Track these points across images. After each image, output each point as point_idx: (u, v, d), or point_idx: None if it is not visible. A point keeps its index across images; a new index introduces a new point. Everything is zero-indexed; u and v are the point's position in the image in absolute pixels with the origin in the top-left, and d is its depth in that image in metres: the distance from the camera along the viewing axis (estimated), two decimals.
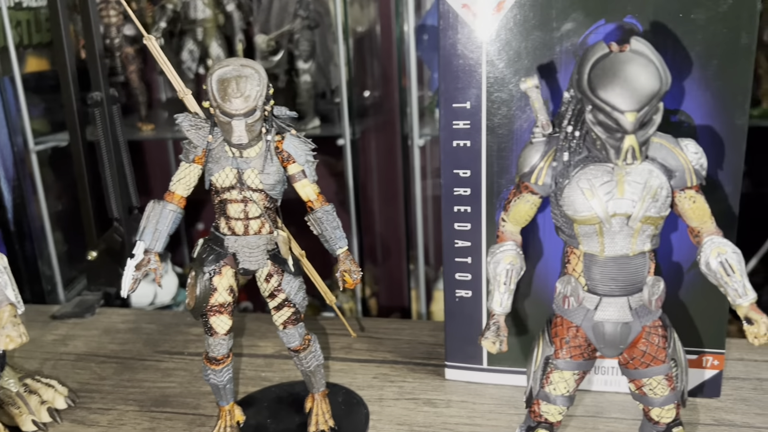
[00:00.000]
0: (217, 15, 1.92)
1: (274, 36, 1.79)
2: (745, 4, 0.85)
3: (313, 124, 1.90)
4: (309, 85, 1.89)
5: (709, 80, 0.88)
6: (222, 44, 1.93)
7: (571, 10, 0.89)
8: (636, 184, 0.64)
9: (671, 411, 0.71)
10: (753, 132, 2.16)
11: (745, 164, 2.32)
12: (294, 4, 1.82)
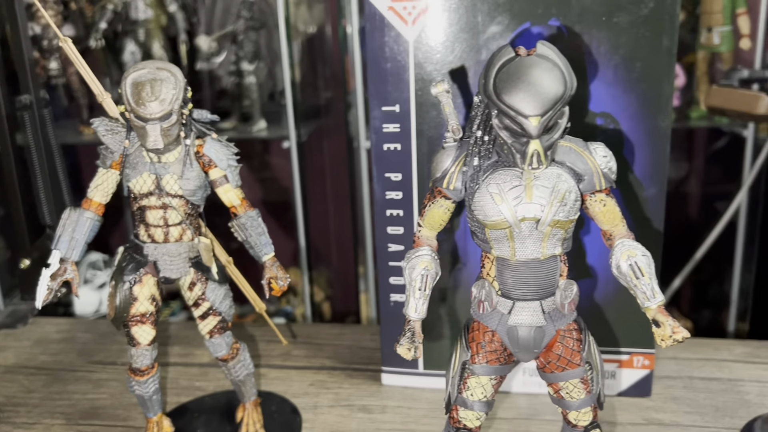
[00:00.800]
0: (160, 16, 1.88)
1: (216, 37, 1.76)
2: (666, 8, 0.86)
3: (259, 126, 1.88)
4: (255, 86, 1.87)
5: (633, 83, 0.89)
6: (165, 45, 1.89)
7: (496, 13, 0.89)
8: (544, 188, 0.64)
9: (588, 414, 0.71)
10: (692, 133, 2.20)
11: (688, 165, 2.35)
12: (237, 5, 1.79)
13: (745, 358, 1.12)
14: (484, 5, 0.88)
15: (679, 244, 2.37)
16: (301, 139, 1.76)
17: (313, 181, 2.01)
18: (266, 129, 1.89)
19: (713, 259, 2.15)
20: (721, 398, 1.01)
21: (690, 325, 2.13)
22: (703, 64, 1.71)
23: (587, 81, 0.90)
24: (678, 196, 2.43)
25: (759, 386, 1.04)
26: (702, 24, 1.69)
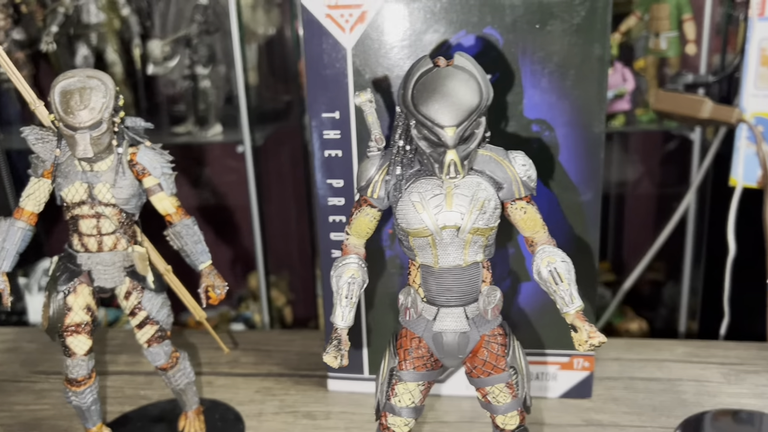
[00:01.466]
0: (113, 19, 1.86)
1: (169, 41, 1.75)
2: (598, 16, 0.88)
3: (215, 131, 1.86)
4: (210, 90, 1.85)
5: (567, 90, 0.91)
6: (118, 50, 1.87)
7: (433, 21, 0.89)
8: (464, 196, 0.65)
9: (514, 418, 0.72)
10: (643, 136, 2.24)
11: (641, 167, 2.38)
12: (191, 9, 1.78)
13: (686, 358, 1.14)
14: (420, 13, 0.89)
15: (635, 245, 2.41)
16: (256, 143, 1.75)
17: (271, 185, 2.01)
18: (222, 133, 1.88)
19: (668, 258, 2.19)
20: (660, 398, 1.03)
21: (645, 325, 2.17)
22: (652, 68, 1.74)
23: (523, 88, 0.91)
24: (633, 197, 2.47)
25: (696, 385, 1.06)
26: (650, 29, 1.72)
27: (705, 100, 1.46)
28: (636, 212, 2.48)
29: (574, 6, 0.88)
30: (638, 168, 2.38)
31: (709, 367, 1.11)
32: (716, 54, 1.72)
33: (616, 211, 2.52)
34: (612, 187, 2.52)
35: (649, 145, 2.26)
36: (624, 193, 2.48)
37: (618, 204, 2.51)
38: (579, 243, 0.97)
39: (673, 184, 2.08)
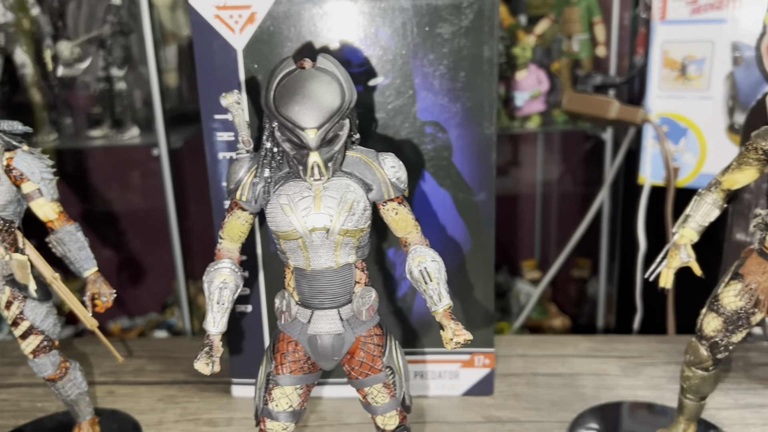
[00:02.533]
0: (22, 19, 1.80)
1: (79, 42, 1.70)
2: (486, 20, 0.89)
3: (131, 133, 1.82)
4: (126, 92, 1.81)
5: (458, 92, 0.92)
6: (28, 50, 1.81)
7: (323, 23, 0.89)
8: (332, 198, 0.65)
9: (394, 418, 0.72)
10: (560, 136, 2.28)
11: (564, 166, 2.42)
12: (103, 9, 1.73)
13: (588, 353, 1.17)
14: (311, 15, 0.89)
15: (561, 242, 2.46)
16: (173, 145, 1.72)
17: (192, 188, 1.97)
18: (139, 136, 1.84)
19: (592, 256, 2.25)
20: (559, 393, 1.05)
21: (567, 321, 2.23)
22: (565, 70, 1.78)
23: (415, 90, 0.92)
24: (558, 195, 2.53)
25: (596, 379, 1.09)
26: (563, 32, 1.76)
27: (612, 101, 1.50)
28: (561, 210, 2.54)
29: (462, 9, 0.89)
30: (561, 167, 2.44)
31: (609, 361, 1.14)
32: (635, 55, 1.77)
33: (542, 210, 2.57)
34: (537, 187, 2.57)
35: (570, 145, 2.32)
36: (549, 192, 2.54)
37: (544, 202, 2.56)
38: (476, 241, 0.98)
39: (593, 183, 2.13)
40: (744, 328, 0.78)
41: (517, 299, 2.34)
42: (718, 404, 1.01)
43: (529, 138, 2.41)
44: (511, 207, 2.65)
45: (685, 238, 0.78)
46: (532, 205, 2.63)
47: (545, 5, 1.83)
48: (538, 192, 2.60)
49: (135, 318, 2.32)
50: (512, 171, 2.58)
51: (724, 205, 0.78)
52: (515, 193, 2.60)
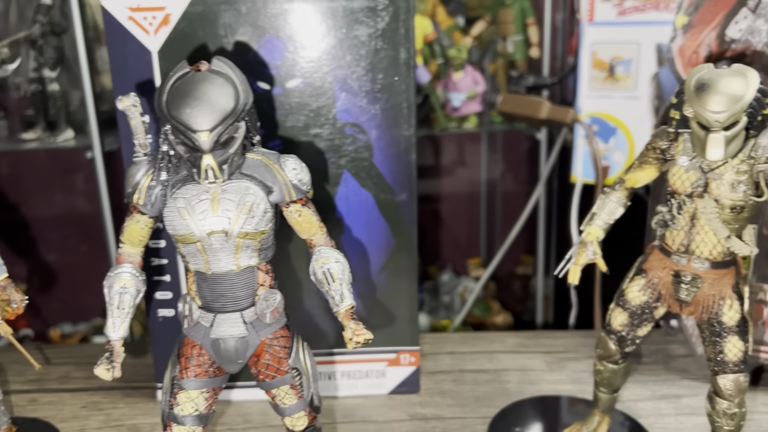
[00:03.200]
0: None
1: (7, 43, 1.66)
2: (401, 21, 0.90)
3: (66, 136, 1.78)
4: (59, 94, 1.77)
5: (376, 94, 0.93)
6: None
7: (238, 25, 0.89)
8: (230, 201, 0.65)
9: (302, 419, 0.73)
10: (499, 136, 2.31)
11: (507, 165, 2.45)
12: (33, 9, 1.69)
13: (515, 349, 1.20)
14: (226, 16, 0.89)
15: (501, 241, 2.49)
16: (107, 148, 1.69)
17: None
18: (74, 138, 1.80)
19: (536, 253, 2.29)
20: (484, 389, 1.07)
21: (510, 318, 2.26)
22: (501, 71, 1.81)
23: (334, 92, 0.92)
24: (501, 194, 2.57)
25: (520, 374, 1.11)
26: (498, 33, 1.79)
27: (543, 102, 1.53)
28: (505, 209, 2.57)
29: (377, 11, 0.90)
30: (505, 166, 2.47)
31: (534, 357, 1.17)
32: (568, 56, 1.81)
33: (487, 208, 2.61)
34: (482, 186, 2.60)
35: (513, 145, 2.36)
36: (493, 190, 2.57)
37: (489, 201, 2.60)
38: (399, 241, 0.99)
39: (534, 182, 2.17)
40: (649, 322, 0.81)
41: (462, 297, 2.37)
42: (636, 396, 1.04)
43: (473, 138, 2.44)
44: (456, 206, 2.68)
45: (591, 236, 0.81)
46: (477, 203, 2.67)
47: (482, 7, 1.86)
48: (482, 191, 2.63)
49: (78, 324, 2.27)
50: (457, 170, 2.61)
51: (628, 203, 0.81)
52: (460, 192, 2.63)
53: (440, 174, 2.61)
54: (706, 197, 0.71)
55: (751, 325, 0.76)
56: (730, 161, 0.70)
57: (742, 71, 0.67)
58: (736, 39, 0.99)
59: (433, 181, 2.60)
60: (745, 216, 0.71)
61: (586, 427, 0.91)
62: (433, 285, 2.46)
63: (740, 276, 0.76)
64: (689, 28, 1.02)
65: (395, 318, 1.02)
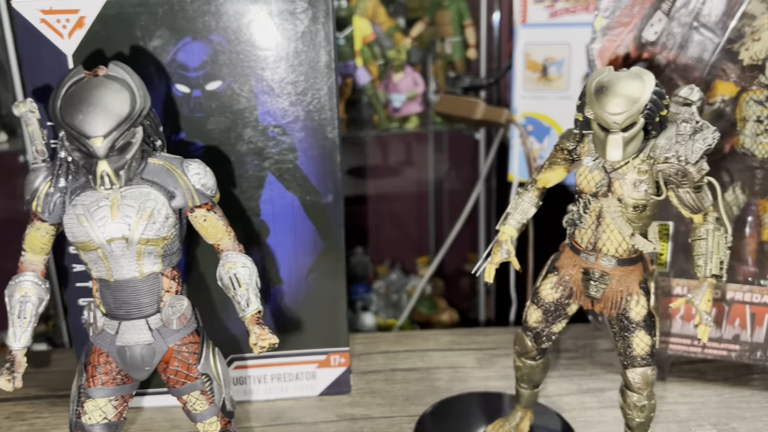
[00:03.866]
0: None
1: None
2: (321, 24, 0.90)
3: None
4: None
5: (298, 96, 0.93)
6: None
7: (155, 28, 0.88)
8: (130, 207, 0.64)
9: (214, 424, 0.73)
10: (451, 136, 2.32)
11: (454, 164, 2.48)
12: None
13: (448, 347, 1.21)
14: (142, 19, 0.88)
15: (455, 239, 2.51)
16: None
17: None
18: (7, 142, 1.76)
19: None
20: (414, 387, 1.08)
21: (455, 315, 2.29)
22: (440, 72, 1.83)
23: (255, 95, 0.92)
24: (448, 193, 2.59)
25: (451, 372, 1.12)
26: (437, 34, 1.81)
27: (478, 102, 1.55)
28: (453, 207, 2.60)
29: (296, 14, 0.90)
30: (451, 166, 2.50)
31: (466, 354, 1.18)
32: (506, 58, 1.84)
33: (435, 207, 2.63)
34: (430, 185, 2.62)
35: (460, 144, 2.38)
36: (441, 189, 2.60)
37: (437, 200, 2.62)
38: (326, 243, 0.99)
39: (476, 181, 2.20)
40: (562, 318, 0.83)
41: (410, 296, 2.39)
42: (562, 390, 1.07)
43: (421, 138, 2.46)
44: (406, 205, 2.70)
45: (505, 235, 0.82)
46: (425, 202, 2.69)
47: (422, 8, 1.87)
48: (430, 190, 2.65)
49: None
50: (406, 170, 2.63)
51: (540, 203, 0.83)
52: (409, 192, 2.65)
53: (389, 174, 2.63)
54: (610, 196, 0.73)
55: (657, 319, 0.78)
56: (631, 161, 0.72)
57: (639, 74, 0.69)
58: (652, 41, 1.02)
59: (382, 180, 2.62)
60: (648, 214, 0.74)
61: (508, 422, 0.93)
62: (383, 284, 2.48)
63: (647, 272, 0.79)
64: (608, 31, 1.04)
65: (324, 320, 1.03)
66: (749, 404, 1.02)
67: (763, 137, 0.96)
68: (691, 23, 0.99)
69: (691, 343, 1.05)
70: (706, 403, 1.03)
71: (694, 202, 0.72)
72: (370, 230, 2.63)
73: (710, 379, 1.09)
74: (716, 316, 1.03)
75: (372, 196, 2.64)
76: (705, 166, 0.71)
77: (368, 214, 2.61)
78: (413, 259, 2.62)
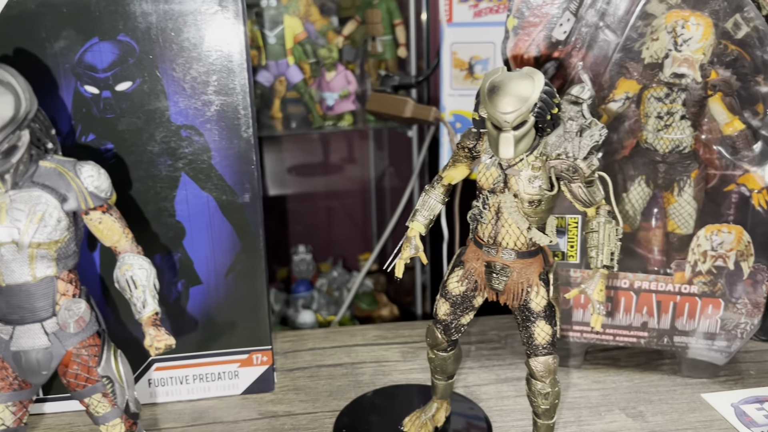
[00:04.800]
0: None
1: None
2: (231, 23, 0.91)
3: None
4: None
5: (211, 96, 0.93)
6: None
7: (61, 28, 0.87)
8: (20, 211, 0.64)
9: (117, 426, 0.73)
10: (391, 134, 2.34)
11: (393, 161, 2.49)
12: None
13: (374, 341, 1.23)
14: (46, 19, 0.87)
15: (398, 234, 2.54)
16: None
17: None
18: None
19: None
20: (338, 382, 1.10)
21: (396, 310, 2.31)
22: (373, 71, 1.85)
23: (167, 95, 0.92)
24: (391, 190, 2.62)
25: (375, 366, 1.14)
26: (368, 33, 1.82)
27: (407, 101, 1.57)
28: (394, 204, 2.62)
29: (207, 14, 0.90)
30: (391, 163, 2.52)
31: (391, 348, 1.20)
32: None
33: (377, 204, 2.65)
34: (371, 182, 2.64)
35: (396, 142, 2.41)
36: (383, 186, 2.62)
37: (378, 197, 2.64)
38: (244, 242, 1.00)
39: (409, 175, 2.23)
40: (470, 311, 0.86)
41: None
42: (481, 380, 1.10)
43: (362, 135, 2.48)
44: (348, 203, 2.71)
45: (414, 231, 0.84)
46: (368, 199, 2.71)
47: (354, 7, 1.88)
48: (372, 187, 2.67)
49: None
50: (347, 167, 2.64)
51: (446, 200, 0.85)
52: (352, 189, 2.66)
53: (331, 171, 2.64)
54: (507, 192, 0.76)
55: (558, 309, 0.81)
56: (525, 158, 0.75)
57: (529, 74, 0.72)
58: (561, 41, 1.06)
59: (325, 178, 2.63)
60: (543, 209, 0.77)
61: (424, 413, 0.95)
62: (326, 282, 2.48)
63: (548, 264, 0.82)
64: (519, 30, 1.07)
65: (246, 319, 1.03)
66: (657, 388, 1.07)
67: (664, 133, 1.00)
68: (597, 23, 1.03)
69: (604, 332, 1.10)
70: (617, 388, 1.07)
71: (586, 196, 0.75)
72: (313, 228, 2.63)
73: (623, 366, 1.13)
74: (626, 304, 1.07)
75: (315, 193, 2.64)
76: (595, 162, 0.74)
77: (312, 212, 2.62)
78: (357, 255, 2.64)
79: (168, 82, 0.92)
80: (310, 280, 2.53)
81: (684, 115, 0.99)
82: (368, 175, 2.65)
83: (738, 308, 1.04)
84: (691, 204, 1.03)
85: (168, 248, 0.98)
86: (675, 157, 1.01)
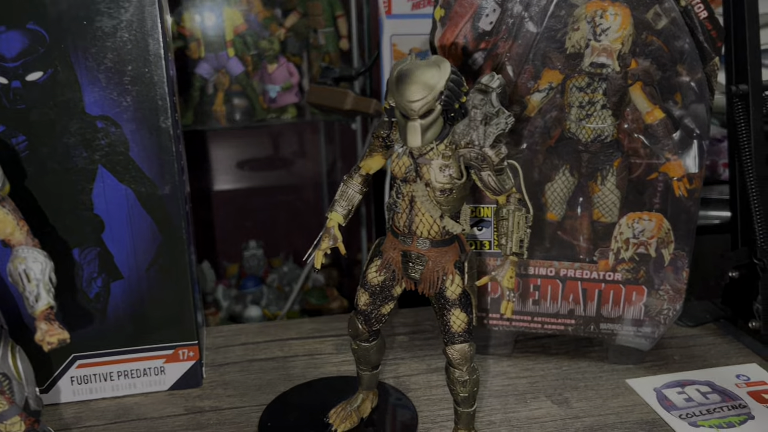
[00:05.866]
0: None
1: None
2: (147, 12, 0.89)
3: None
4: None
5: (127, 86, 0.91)
6: None
7: None
8: None
9: (17, 425, 0.71)
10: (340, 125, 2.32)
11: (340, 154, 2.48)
12: None
13: (309, 334, 1.22)
14: None
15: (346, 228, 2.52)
16: None
17: None
18: None
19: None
20: (269, 376, 1.09)
21: (345, 303, 2.31)
22: (315, 63, 1.83)
23: (80, 85, 0.90)
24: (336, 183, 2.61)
25: (308, 359, 1.14)
26: (310, 26, 1.81)
27: (347, 93, 1.56)
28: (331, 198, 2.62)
29: (120, 3, 0.88)
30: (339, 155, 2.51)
31: (326, 341, 1.20)
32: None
33: (329, 197, 2.64)
34: (323, 175, 2.63)
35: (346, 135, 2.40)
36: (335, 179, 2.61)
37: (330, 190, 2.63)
38: (166, 236, 0.98)
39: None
40: (389, 300, 0.85)
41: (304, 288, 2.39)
42: (412, 371, 1.10)
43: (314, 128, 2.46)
44: (300, 197, 2.69)
45: (333, 222, 0.84)
46: (319, 193, 2.69)
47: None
48: (324, 180, 2.66)
49: None
50: (299, 161, 2.63)
51: (364, 190, 0.85)
52: (304, 182, 2.65)
53: (281, 165, 2.62)
54: (419, 181, 0.76)
55: (473, 298, 0.82)
56: (436, 147, 0.75)
57: (437, 62, 0.72)
58: (488, 31, 1.06)
59: (276, 172, 2.60)
60: (455, 197, 0.77)
61: (350, 405, 0.95)
62: (276, 277, 2.47)
63: (464, 253, 0.82)
64: (446, 21, 1.07)
65: (170, 314, 1.01)
66: (584, 375, 1.08)
67: (586, 122, 1.02)
68: (521, 14, 1.04)
69: (532, 320, 1.11)
70: (545, 375, 1.08)
71: (496, 184, 0.76)
72: (265, 223, 2.61)
73: (553, 353, 1.15)
74: (552, 292, 1.08)
75: (266, 187, 2.62)
76: (503, 150, 0.74)
77: (263, 207, 2.60)
78: (308, 250, 2.62)
79: (81, 72, 0.89)
80: (261, 275, 2.51)
81: (605, 104, 1.00)
82: (319, 169, 2.63)
83: (660, 295, 1.06)
84: (615, 193, 1.04)
85: (86, 242, 0.95)
86: (597, 146, 1.02)
